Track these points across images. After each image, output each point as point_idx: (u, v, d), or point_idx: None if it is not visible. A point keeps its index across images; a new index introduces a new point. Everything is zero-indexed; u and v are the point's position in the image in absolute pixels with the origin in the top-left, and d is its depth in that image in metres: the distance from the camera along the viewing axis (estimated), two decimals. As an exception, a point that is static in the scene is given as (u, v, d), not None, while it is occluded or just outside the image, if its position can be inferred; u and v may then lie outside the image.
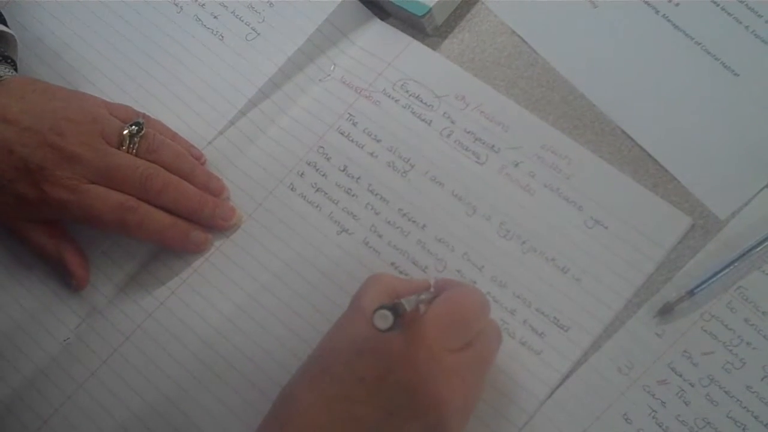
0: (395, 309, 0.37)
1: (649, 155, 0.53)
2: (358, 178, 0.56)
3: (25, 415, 0.54)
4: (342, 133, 0.57)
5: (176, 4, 0.62)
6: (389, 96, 0.57)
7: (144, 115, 0.56)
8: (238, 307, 0.54)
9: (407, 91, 0.57)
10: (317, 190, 0.56)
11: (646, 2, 0.56)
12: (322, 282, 0.53)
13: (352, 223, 0.55)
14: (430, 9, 0.56)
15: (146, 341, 0.54)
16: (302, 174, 0.56)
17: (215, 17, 0.61)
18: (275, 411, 0.45)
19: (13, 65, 0.57)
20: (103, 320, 0.55)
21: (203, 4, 0.61)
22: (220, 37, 0.60)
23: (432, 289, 0.47)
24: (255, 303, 0.54)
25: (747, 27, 0.54)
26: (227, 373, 0.52)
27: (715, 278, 0.49)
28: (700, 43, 0.54)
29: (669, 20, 0.55)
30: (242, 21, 0.60)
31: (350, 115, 0.57)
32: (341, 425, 0.42)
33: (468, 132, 0.55)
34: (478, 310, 0.46)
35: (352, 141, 0.57)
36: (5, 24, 0.58)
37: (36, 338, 0.55)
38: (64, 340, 0.55)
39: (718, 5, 0.55)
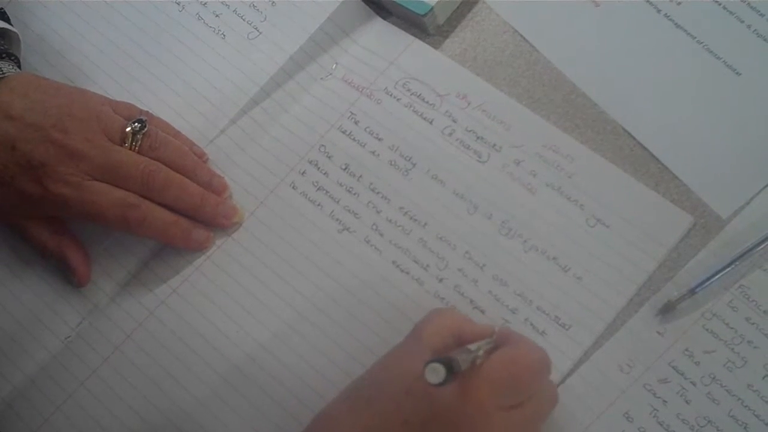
0: (449, 365, 0.35)
1: (651, 154, 0.53)
2: (360, 176, 0.56)
3: (27, 413, 0.54)
4: (344, 132, 0.57)
5: (178, 3, 0.62)
6: (391, 95, 0.57)
7: (147, 113, 0.56)
8: (239, 305, 0.54)
9: (409, 90, 0.57)
10: (318, 189, 0.56)
11: (647, 1, 0.56)
12: (323, 280, 0.53)
13: (353, 222, 0.55)
14: (432, 8, 0.56)
15: (148, 339, 0.54)
16: (304, 172, 0.56)
17: (217, 16, 0.61)
18: (316, 426, 0.44)
19: (17, 62, 0.57)
20: (105, 318, 0.55)
21: (205, 3, 0.61)
22: (222, 36, 0.60)
23: (494, 336, 0.46)
24: (256, 301, 0.54)
25: (749, 26, 0.54)
26: (229, 371, 0.52)
27: (716, 277, 0.49)
28: (702, 42, 0.54)
29: (671, 19, 0.55)
30: (244, 19, 0.60)
31: (352, 113, 0.57)
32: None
33: (469, 131, 0.55)
34: (536, 371, 0.44)
35: (353, 139, 0.57)
36: (8, 22, 0.58)
37: (37, 336, 0.55)
38: (66, 338, 0.55)
39: (719, 4, 0.55)
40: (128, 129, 0.54)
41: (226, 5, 0.61)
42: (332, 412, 0.44)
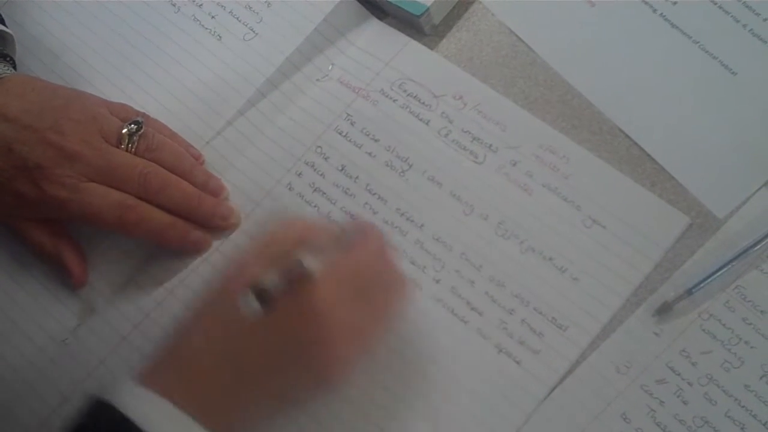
0: (260, 295, 0.38)
1: (647, 154, 0.53)
2: (356, 177, 0.56)
3: (24, 416, 0.54)
4: (340, 133, 0.57)
5: (174, 4, 0.62)
6: (387, 96, 0.57)
7: (143, 114, 0.56)
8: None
9: (405, 91, 0.57)
10: (315, 190, 0.56)
11: (643, 1, 0.56)
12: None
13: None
14: (428, 8, 0.56)
15: (144, 342, 0.54)
16: (300, 174, 0.56)
17: (213, 17, 0.61)
18: (168, 344, 0.45)
19: (12, 63, 0.57)
20: (102, 320, 0.55)
21: (201, 5, 0.61)
22: (218, 37, 0.60)
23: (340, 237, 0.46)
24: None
25: (745, 25, 0.54)
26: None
27: (713, 277, 0.49)
28: (698, 42, 0.54)
29: (667, 19, 0.55)
30: (240, 21, 0.60)
31: (348, 114, 0.57)
32: (232, 367, 0.43)
33: (466, 131, 0.55)
34: (378, 262, 0.46)
35: (350, 141, 0.57)
36: (3, 23, 0.58)
37: (34, 338, 0.55)
38: (63, 341, 0.55)
39: (715, 4, 0.55)
40: (124, 130, 0.53)
41: (222, 6, 0.61)
42: (188, 324, 0.45)
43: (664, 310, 0.49)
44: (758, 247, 0.49)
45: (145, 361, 0.45)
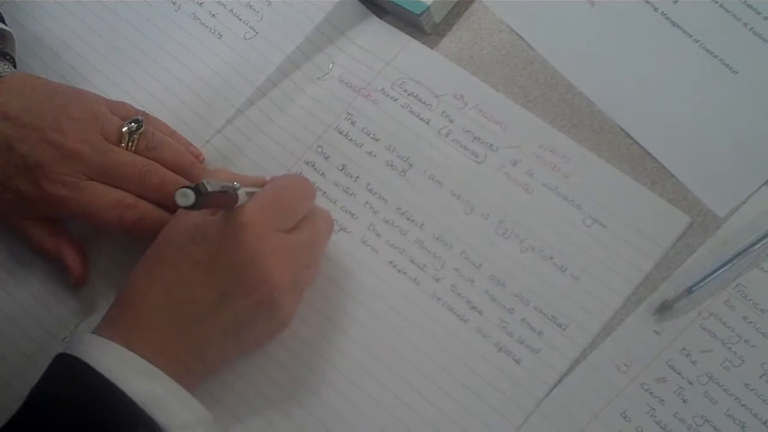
0: (197, 189, 0.40)
1: (648, 153, 0.53)
2: (357, 177, 0.56)
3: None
4: (340, 132, 0.57)
5: (174, 3, 0.62)
6: (388, 95, 0.57)
7: (143, 113, 0.56)
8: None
9: (406, 90, 0.57)
10: (315, 189, 0.56)
11: (644, 0, 0.56)
12: (319, 281, 0.53)
13: (350, 222, 0.54)
14: (428, 7, 0.56)
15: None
16: (300, 173, 0.56)
17: (213, 16, 0.61)
18: (120, 297, 0.48)
19: (12, 62, 0.57)
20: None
21: (201, 3, 0.61)
22: (219, 36, 0.60)
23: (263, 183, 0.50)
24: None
25: (746, 24, 0.54)
26: (221, 372, 0.52)
27: (713, 276, 0.49)
28: (698, 41, 0.54)
29: (667, 18, 0.55)
30: (240, 20, 0.60)
31: (349, 114, 0.57)
32: (180, 307, 0.46)
33: (466, 131, 0.55)
34: (300, 195, 0.50)
35: (350, 140, 0.57)
36: (4, 22, 0.58)
37: (34, 337, 0.55)
38: (63, 339, 0.55)
39: (716, 2, 0.55)
40: (125, 129, 0.53)
41: (223, 5, 0.61)
42: (134, 277, 0.48)
43: (664, 309, 0.49)
44: (759, 245, 0.49)
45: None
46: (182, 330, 0.46)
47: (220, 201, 0.45)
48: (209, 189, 0.41)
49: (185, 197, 0.39)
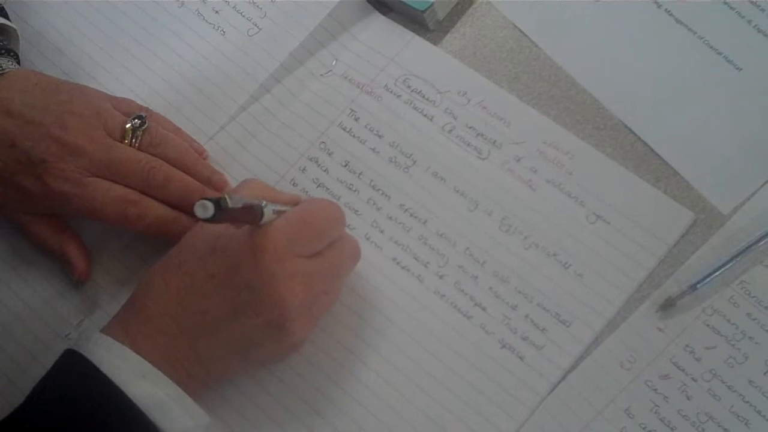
0: (218, 202, 0.39)
1: (652, 150, 0.53)
2: (360, 173, 0.56)
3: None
4: (344, 129, 0.57)
5: (178, -1, 0.62)
6: (391, 91, 0.57)
7: (147, 109, 0.56)
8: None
9: (409, 87, 0.57)
10: (319, 186, 0.56)
11: (648, -3, 0.56)
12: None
13: (353, 219, 0.54)
14: (432, 4, 0.56)
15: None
16: (304, 169, 0.56)
17: (217, 12, 0.61)
18: (135, 294, 0.48)
19: (16, 58, 0.57)
20: (106, 316, 0.55)
21: (205, 0, 0.61)
22: (222, 32, 0.60)
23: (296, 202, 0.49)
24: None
25: (750, 21, 0.54)
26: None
27: (717, 273, 0.49)
28: (702, 38, 0.54)
29: (671, 14, 0.55)
30: (244, 16, 0.60)
31: (352, 110, 0.57)
32: (191, 317, 0.46)
33: (470, 127, 0.55)
34: (329, 221, 0.48)
35: (354, 136, 0.57)
36: (7, 18, 0.58)
37: (38, 334, 0.55)
38: (67, 336, 0.55)
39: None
40: (128, 125, 0.53)
41: (226, 2, 0.61)
42: (151, 278, 0.48)
43: (668, 306, 0.49)
44: (762, 242, 0.49)
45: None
46: (190, 339, 0.46)
47: (243, 217, 0.43)
48: (230, 204, 0.40)
49: (204, 209, 0.38)
